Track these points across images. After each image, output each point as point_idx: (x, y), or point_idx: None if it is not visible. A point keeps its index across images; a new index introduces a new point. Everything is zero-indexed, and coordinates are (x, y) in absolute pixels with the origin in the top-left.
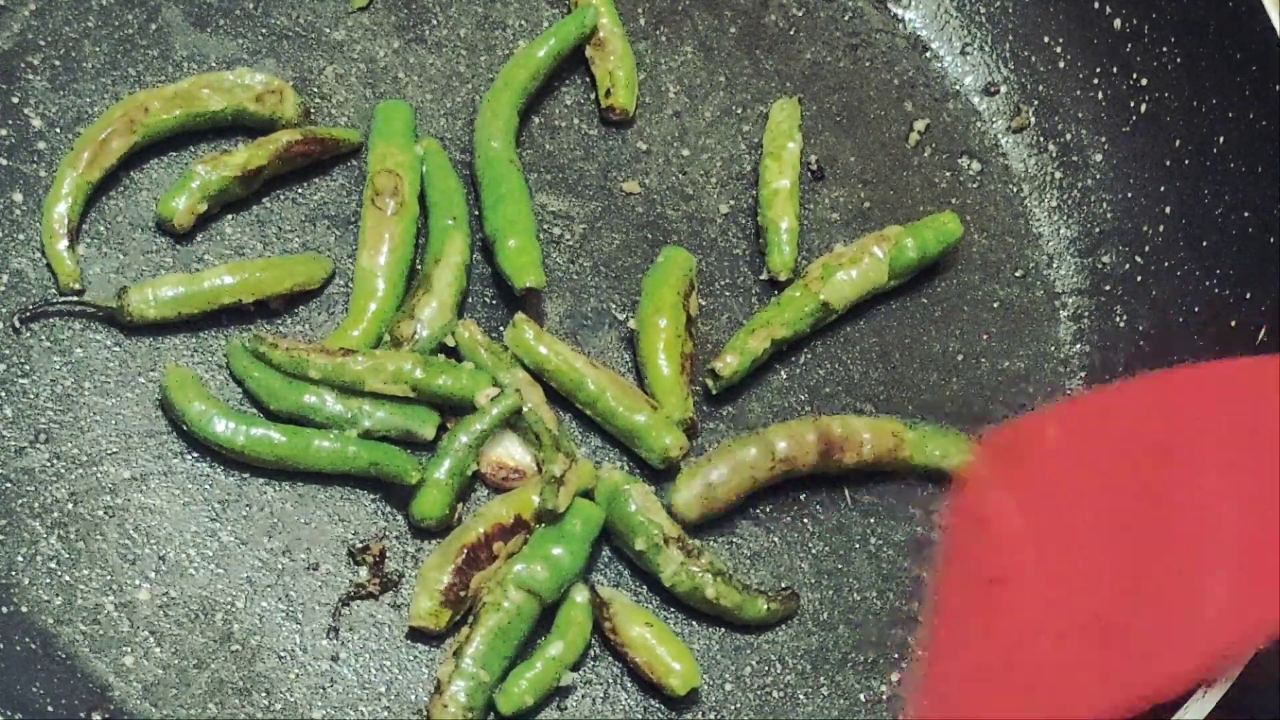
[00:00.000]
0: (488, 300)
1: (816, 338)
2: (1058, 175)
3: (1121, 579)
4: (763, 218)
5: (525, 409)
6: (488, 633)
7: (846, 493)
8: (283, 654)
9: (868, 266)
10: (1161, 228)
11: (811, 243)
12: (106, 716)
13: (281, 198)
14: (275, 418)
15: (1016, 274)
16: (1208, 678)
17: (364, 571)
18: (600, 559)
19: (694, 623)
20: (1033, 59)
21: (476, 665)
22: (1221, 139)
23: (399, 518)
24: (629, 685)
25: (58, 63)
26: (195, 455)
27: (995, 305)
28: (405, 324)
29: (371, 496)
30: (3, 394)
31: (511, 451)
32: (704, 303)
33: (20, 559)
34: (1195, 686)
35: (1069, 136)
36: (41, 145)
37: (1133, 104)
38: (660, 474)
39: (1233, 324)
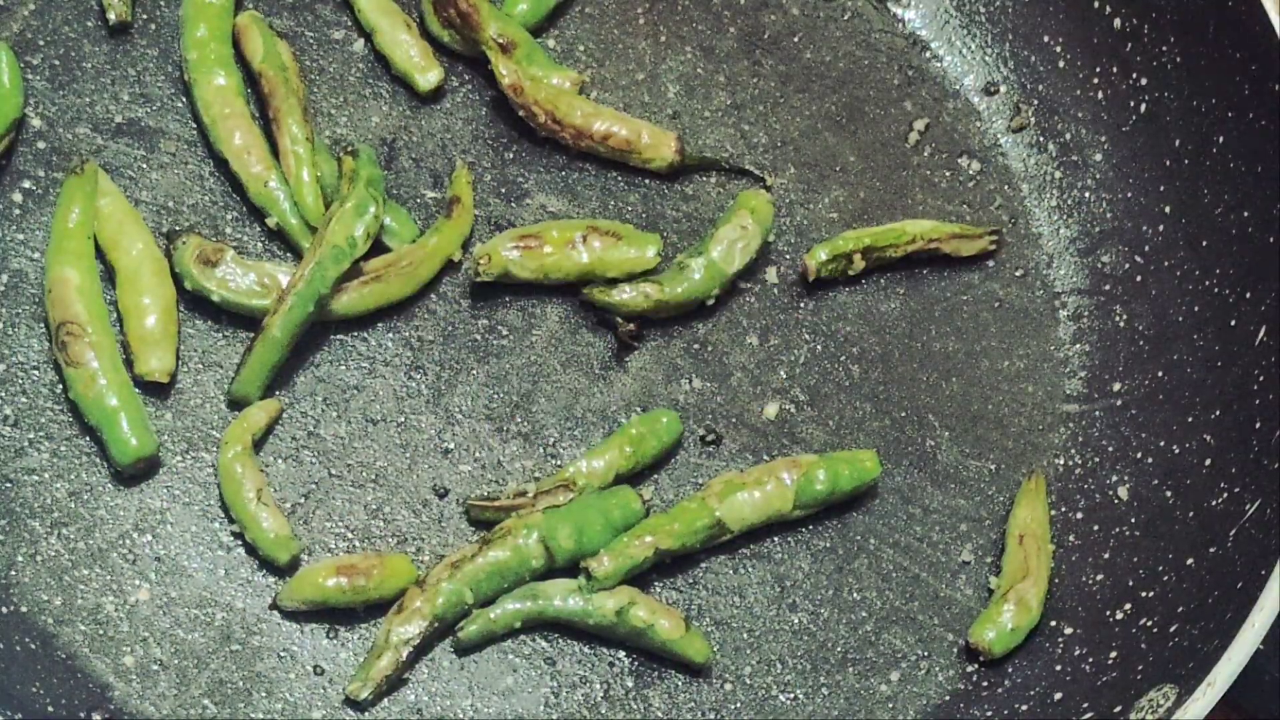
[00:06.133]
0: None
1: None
2: (1058, 175)
3: None
4: None
5: None
6: (490, 562)
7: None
8: (283, 654)
9: (771, 491)
10: (1161, 228)
11: (813, 242)
12: (106, 716)
13: None
14: None
15: (1016, 274)
16: None
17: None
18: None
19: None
20: (1033, 59)
21: (465, 582)
22: (1221, 139)
23: (396, 519)
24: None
25: (58, 63)
26: (195, 455)
27: (995, 305)
28: None
29: (369, 497)
30: (2, 394)
31: None
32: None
33: (20, 559)
34: None
35: (1069, 136)
36: (41, 145)
37: (1133, 104)
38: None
39: (1232, 324)
